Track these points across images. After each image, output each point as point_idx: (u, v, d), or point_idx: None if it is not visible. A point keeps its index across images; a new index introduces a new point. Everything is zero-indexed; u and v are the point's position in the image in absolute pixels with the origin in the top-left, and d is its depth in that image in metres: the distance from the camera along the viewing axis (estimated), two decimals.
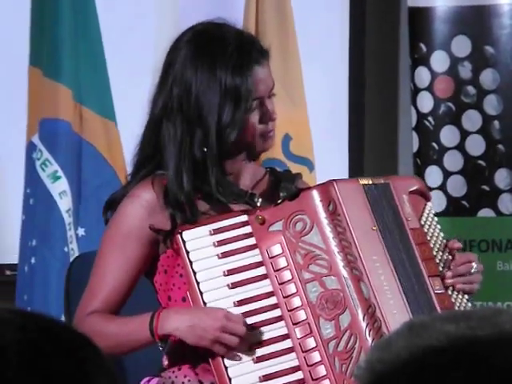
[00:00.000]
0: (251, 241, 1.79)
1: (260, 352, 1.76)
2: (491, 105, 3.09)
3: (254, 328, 1.76)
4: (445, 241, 1.89)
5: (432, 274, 1.84)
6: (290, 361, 1.77)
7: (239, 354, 1.75)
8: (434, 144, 3.11)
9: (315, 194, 1.80)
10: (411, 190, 1.89)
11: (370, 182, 1.83)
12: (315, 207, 1.79)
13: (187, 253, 1.77)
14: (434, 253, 1.87)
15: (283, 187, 1.87)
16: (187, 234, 1.78)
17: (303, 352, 1.76)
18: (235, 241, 1.79)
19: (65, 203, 2.71)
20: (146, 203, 1.83)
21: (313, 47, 3.10)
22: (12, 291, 2.76)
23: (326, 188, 1.81)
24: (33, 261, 2.71)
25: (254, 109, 1.82)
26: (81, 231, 2.73)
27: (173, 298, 1.85)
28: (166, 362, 1.84)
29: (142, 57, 2.99)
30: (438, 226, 1.90)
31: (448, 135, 3.11)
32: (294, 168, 2.70)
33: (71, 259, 2.55)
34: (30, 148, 2.74)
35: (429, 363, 0.85)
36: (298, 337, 1.76)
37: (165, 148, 1.83)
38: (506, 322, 0.86)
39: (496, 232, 3.03)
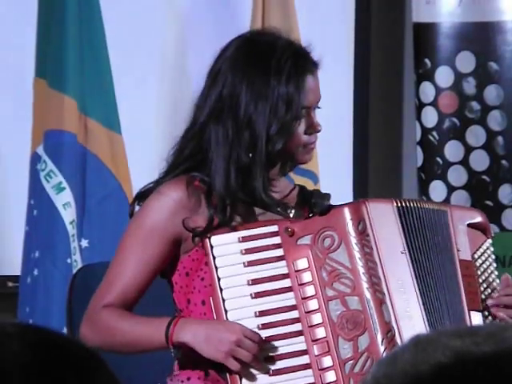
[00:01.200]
0: (279, 252, 1.79)
1: (276, 365, 1.75)
2: (495, 120, 3.10)
3: (272, 340, 1.76)
4: (498, 281, 1.87)
5: (473, 308, 1.82)
6: (306, 377, 1.76)
7: (254, 367, 1.74)
8: (439, 159, 3.11)
9: (346, 211, 1.79)
10: (471, 222, 1.88)
11: (407, 205, 1.81)
12: (345, 225, 1.78)
13: (214, 258, 1.77)
14: (482, 288, 1.85)
15: (315, 202, 1.86)
16: (216, 239, 1.78)
17: (319, 370, 1.75)
18: (263, 250, 1.79)
19: (69, 214, 2.71)
20: (174, 201, 1.83)
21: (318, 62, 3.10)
22: (14, 303, 2.75)
23: (357, 206, 1.80)
24: (35, 272, 2.71)
25: (302, 118, 1.83)
26: (84, 243, 2.73)
27: (192, 302, 1.84)
28: (177, 369, 1.83)
29: (148, 69, 3.00)
30: (494, 265, 1.88)
31: (452, 150, 3.11)
32: (299, 181, 2.70)
33: (74, 271, 2.55)
34: (35, 159, 2.74)
35: (434, 378, 0.84)
36: (316, 354, 1.76)
37: (212, 150, 1.82)
38: (511, 338, 0.86)
39: (499, 248, 3.01)
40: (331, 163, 3.08)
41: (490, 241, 1.89)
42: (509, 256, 3.02)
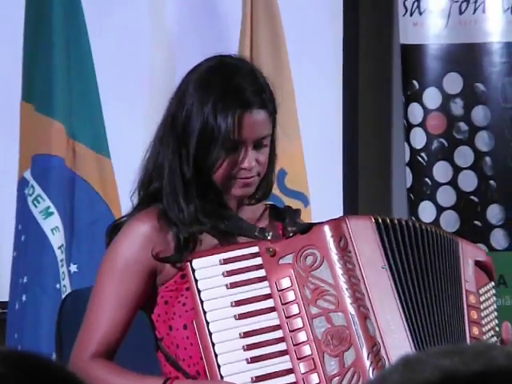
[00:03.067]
0: (261, 272, 1.79)
1: None
2: (483, 141, 3.11)
3: (258, 360, 1.76)
4: (497, 321, 1.88)
5: (475, 337, 1.84)
6: None
7: None
8: (427, 179, 3.12)
9: (327, 229, 1.80)
10: (478, 259, 1.91)
11: (387, 221, 1.83)
12: (326, 242, 1.79)
13: (196, 281, 1.77)
14: (483, 322, 1.86)
15: (289, 221, 1.87)
16: (197, 263, 1.78)
17: None
18: (245, 272, 1.79)
19: (57, 239, 2.70)
20: (144, 235, 1.83)
21: (307, 83, 3.12)
22: (2, 329, 2.74)
23: (337, 223, 1.81)
24: (24, 298, 2.69)
25: (229, 150, 1.82)
26: (73, 267, 2.72)
27: (174, 328, 1.84)
28: None
29: (136, 92, 3.00)
30: (495, 306, 1.89)
31: (441, 171, 3.12)
32: (289, 203, 2.70)
33: (63, 296, 2.53)
34: (22, 184, 2.73)
35: None
36: (302, 372, 1.76)
37: (163, 168, 1.85)
38: (498, 357, 0.87)
39: None
40: (321, 184, 3.09)
41: (493, 283, 1.91)
42: (498, 276, 3.01)
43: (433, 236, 1.85)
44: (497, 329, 1.89)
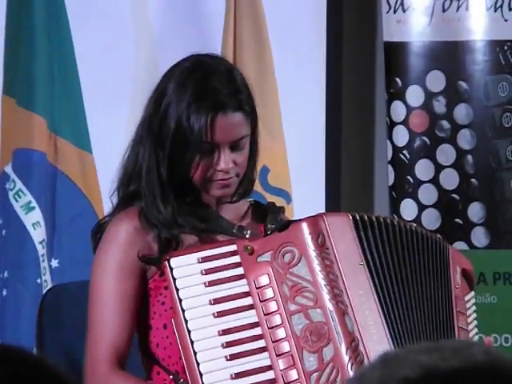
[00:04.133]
0: (239, 270, 1.80)
1: (242, 382, 1.75)
2: (465, 139, 3.12)
3: (237, 357, 1.76)
4: (476, 329, 1.90)
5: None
6: None
7: None
8: (409, 177, 3.13)
9: (304, 226, 1.81)
10: (464, 267, 1.92)
11: (364, 218, 1.84)
12: (304, 239, 1.80)
13: (174, 280, 1.77)
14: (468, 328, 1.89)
15: (270, 219, 1.87)
16: (175, 261, 1.78)
17: None
18: (223, 270, 1.79)
19: (38, 234, 2.69)
20: (129, 234, 1.83)
21: (290, 81, 3.12)
22: None
23: (315, 221, 1.82)
24: (4, 293, 2.68)
25: (204, 152, 1.81)
26: (54, 263, 2.71)
27: (154, 327, 1.84)
28: None
29: (118, 87, 2.99)
30: (475, 315, 1.91)
31: (423, 169, 3.13)
32: (272, 200, 2.70)
33: (44, 291, 2.53)
34: (3, 178, 2.72)
35: None
36: (281, 368, 1.77)
37: (141, 169, 1.85)
38: (477, 354, 0.87)
39: None
40: (304, 182, 3.09)
41: (473, 293, 1.93)
42: (478, 273, 3.03)
43: (414, 235, 1.85)
44: (476, 337, 1.90)
